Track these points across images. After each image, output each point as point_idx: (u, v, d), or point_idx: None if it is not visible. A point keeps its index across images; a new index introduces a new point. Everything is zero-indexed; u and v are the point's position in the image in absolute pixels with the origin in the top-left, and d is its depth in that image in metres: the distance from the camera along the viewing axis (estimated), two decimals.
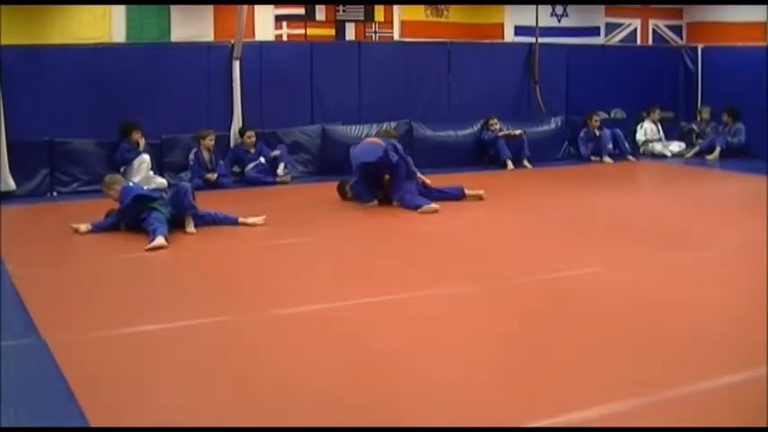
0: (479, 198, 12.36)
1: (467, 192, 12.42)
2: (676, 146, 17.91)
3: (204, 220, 10.53)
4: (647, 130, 17.96)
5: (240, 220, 10.70)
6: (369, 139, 12.77)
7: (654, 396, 5.29)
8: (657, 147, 17.78)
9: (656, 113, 18.02)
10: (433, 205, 11.57)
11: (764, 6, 17.35)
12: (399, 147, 12.26)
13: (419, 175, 12.24)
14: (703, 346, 6.29)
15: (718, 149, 17.24)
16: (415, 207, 11.60)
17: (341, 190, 12.40)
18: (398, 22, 16.40)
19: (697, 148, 17.69)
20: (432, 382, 5.54)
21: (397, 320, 6.92)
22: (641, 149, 17.79)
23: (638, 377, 5.61)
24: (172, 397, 5.38)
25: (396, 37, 16.40)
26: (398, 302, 7.40)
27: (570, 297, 7.62)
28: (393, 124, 15.28)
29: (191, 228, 10.29)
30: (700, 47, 19.07)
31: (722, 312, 7.16)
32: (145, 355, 6.10)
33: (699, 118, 18.38)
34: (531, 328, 6.72)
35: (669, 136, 18.16)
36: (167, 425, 4.90)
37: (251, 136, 14.40)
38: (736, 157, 17.00)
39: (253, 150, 14.38)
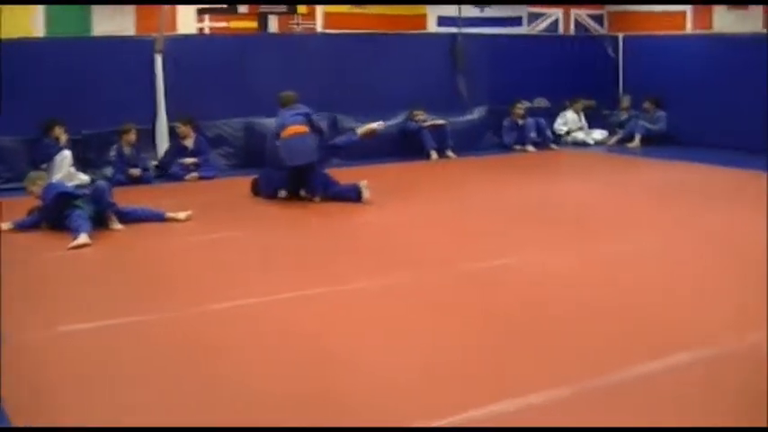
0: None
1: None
2: (599, 134, 18.12)
3: (129, 217, 10.42)
4: (568, 119, 18.14)
5: (167, 215, 10.63)
6: (292, 128, 11.99)
7: (586, 383, 5.39)
8: (580, 135, 17.97)
9: (580, 104, 18.21)
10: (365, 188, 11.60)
11: None
12: (312, 113, 12.15)
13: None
14: (634, 331, 6.39)
15: (638, 137, 17.48)
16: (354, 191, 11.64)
17: (255, 188, 12.34)
18: (321, 14, 16.37)
19: (618, 136, 17.91)
20: (369, 375, 5.58)
21: (330, 314, 6.93)
22: (563, 138, 17.96)
23: (568, 364, 5.71)
24: (100, 397, 5.33)
25: (319, 29, 16.38)
26: (331, 295, 7.42)
27: (499, 286, 7.70)
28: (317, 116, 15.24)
29: (115, 225, 10.19)
30: (621, 36, 19.32)
31: (650, 298, 7.29)
32: (72, 356, 6.03)
33: (620, 106, 18.60)
34: (463, 318, 6.77)
35: (593, 124, 18.35)
36: (98, 425, 4.87)
37: (178, 126, 14.29)
38: (657, 144, 17.24)
39: (187, 142, 14.28)
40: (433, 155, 15.92)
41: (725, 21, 17.39)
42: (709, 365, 5.71)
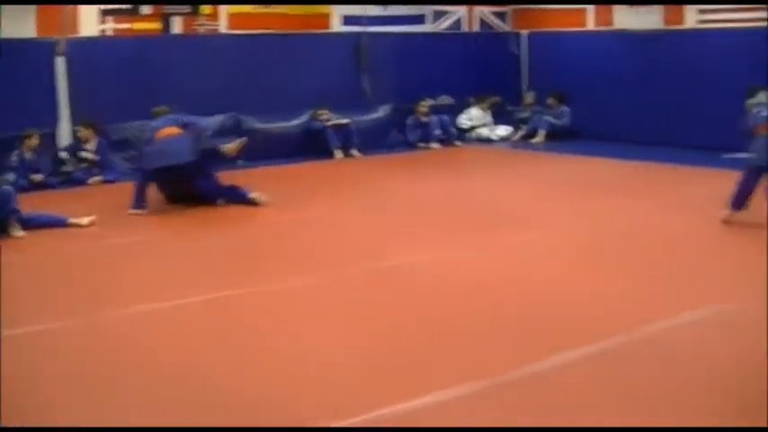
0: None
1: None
2: (503, 130, 18.36)
3: (32, 223, 10.35)
4: (473, 115, 18.35)
5: (70, 220, 10.58)
6: (164, 131, 11.76)
7: (502, 377, 5.60)
8: (484, 131, 18.19)
9: (486, 102, 18.44)
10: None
11: None
12: (187, 119, 11.98)
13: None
14: (548, 323, 6.66)
15: (542, 132, 17.77)
16: (244, 198, 11.64)
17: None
18: (225, 15, 16.36)
19: (522, 132, 18.18)
20: (290, 377, 5.72)
21: (246, 316, 7.06)
22: (467, 135, 18.17)
23: (486, 358, 5.94)
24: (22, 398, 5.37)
25: (222, 29, 16.37)
26: (244, 297, 7.53)
27: (411, 284, 7.90)
28: (221, 117, 15.28)
29: (17, 232, 10.13)
30: (524, 33, 19.57)
31: (559, 290, 7.56)
32: None
33: (524, 102, 18.87)
34: (376, 317, 6.97)
35: (498, 121, 18.58)
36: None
37: (80, 130, 14.20)
38: (561, 139, 17.55)
39: (89, 146, 14.19)
40: (338, 154, 16.00)
41: (625, 17, 17.71)
42: (608, 358, 5.94)
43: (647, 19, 17.28)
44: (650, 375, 5.63)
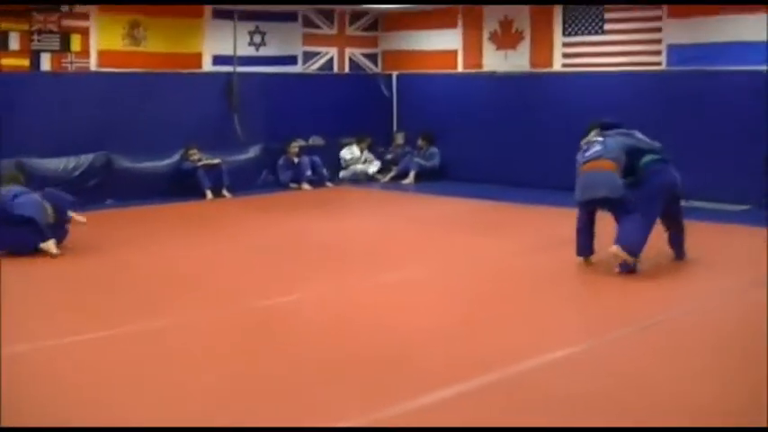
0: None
1: None
2: (376, 166, 18.60)
3: None
4: (353, 152, 18.59)
5: None
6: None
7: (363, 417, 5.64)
8: (359, 166, 18.35)
9: (365, 142, 18.68)
10: None
11: (455, 35, 18.32)
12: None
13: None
14: (413, 365, 6.72)
15: (412, 173, 17.99)
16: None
17: None
18: (95, 52, 16.20)
19: (393, 173, 18.38)
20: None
21: (99, 362, 6.89)
22: (345, 169, 18.44)
23: (351, 398, 6.01)
24: None
25: (93, 67, 16.20)
26: (101, 341, 7.37)
27: (277, 324, 7.93)
28: (91, 156, 15.13)
29: None
30: (395, 74, 19.82)
31: (429, 330, 7.66)
32: None
33: (394, 143, 19.09)
34: (236, 358, 6.94)
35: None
36: None
37: None
38: (430, 179, 17.79)
39: None
40: (209, 194, 15.94)
41: (494, 60, 18.09)
42: (466, 400, 6.02)
43: (515, 62, 17.67)
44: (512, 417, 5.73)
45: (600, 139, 10.10)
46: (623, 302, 8.73)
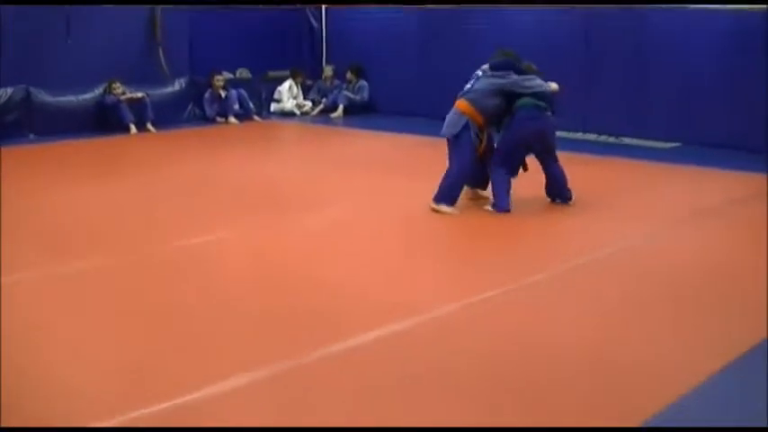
0: None
1: None
2: (305, 104, 18.34)
3: None
4: (289, 88, 18.30)
5: None
6: None
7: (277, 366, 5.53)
8: (288, 105, 18.09)
9: (300, 76, 18.39)
10: None
11: None
12: None
13: None
14: (333, 310, 6.60)
15: (341, 107, 17.80)
16: None
17: None
18: None
19: (321, 106, 18.18)
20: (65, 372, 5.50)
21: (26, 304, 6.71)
22: (274, 105, 18.18)
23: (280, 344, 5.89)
24: None
25: None
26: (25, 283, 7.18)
27: (197, 265, 7.76)
28: (9, 90, 14.72)
29: None
30: (324, 7, 19.50)
31: (349, 272, 7.59)
32: None
33: (323, 76, 18.85)
34: (153, 301, 6.80)
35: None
36: None
37: None
38: (359, 113, 17.64)
39: None
40: (133, 128, 15.60)
41: None
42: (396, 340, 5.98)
43: None
44: (431, 361, 5.68)
45: (477, 75, 9.98)
46: (543, 245, 8.73)
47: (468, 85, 9.92)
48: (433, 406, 5.04)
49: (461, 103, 9.80)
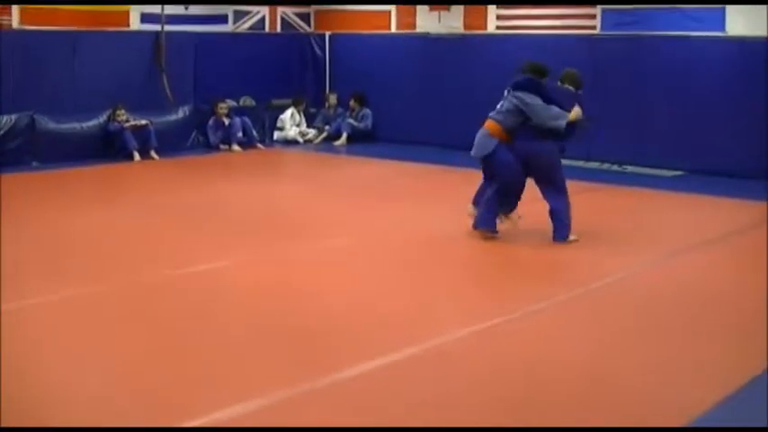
0: None
1: None
2: (310, 132, 18.34)
3: None
4: (292, 115, 18.31)
5: None
6: None
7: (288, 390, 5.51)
8: (291, 133, 18.10)
9: (302, 104, 18.40)
10: None
11: None
12: None
13: None
14: (337, 336, 6.62)
15: (344, 135, 17.83)
16: None
17: None
18: (18, 9, 15.76)
19: (324, 135, 18.20)
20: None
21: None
22: (277, 133, 18.17)
23: (276, 372, 5.86)
24: None
25: (15, 24, 15.77)
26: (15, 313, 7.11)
27: (201, 293, 7.73)
28: (14, 117, 14.73)
29: None
30: (327, 34, 19.58)
31: (355, 300, 7.56)
32: None
33: (327, 104, 18.88)
34: (157, 328, 6.78)
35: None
36: None
37: None
38: (362, 141, 17.67)
39: None
40: (136, 156, 15.59)
41: (427, 21, 17.97)
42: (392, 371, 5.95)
43: (449, 24, 17.56)
44: (435, 387, 5.66)
45: (504, 94, 9.97)
46: (547, 274, 8.72)
47: (499, 106, 9.94)
48: None
49: (490, 124, 9.86)
